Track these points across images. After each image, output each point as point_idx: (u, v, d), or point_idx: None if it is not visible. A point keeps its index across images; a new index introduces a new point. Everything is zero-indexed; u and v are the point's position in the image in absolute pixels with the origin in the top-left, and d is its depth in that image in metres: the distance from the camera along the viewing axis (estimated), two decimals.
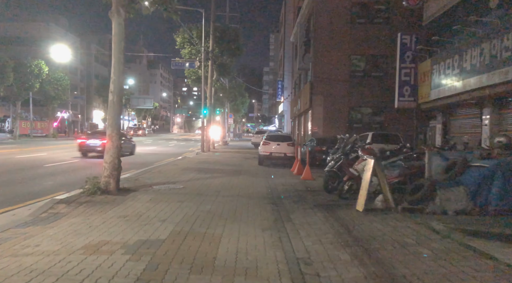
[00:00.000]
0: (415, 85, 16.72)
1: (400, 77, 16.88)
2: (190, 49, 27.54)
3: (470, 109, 14.56)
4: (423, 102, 16.18)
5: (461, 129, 15.50)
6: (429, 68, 15.42)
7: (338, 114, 25.09)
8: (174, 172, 13.06)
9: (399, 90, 16.93)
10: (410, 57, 16.73)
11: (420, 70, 16.37)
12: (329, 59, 25.10)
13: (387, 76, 24.71)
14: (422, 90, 16.15)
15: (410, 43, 16.68)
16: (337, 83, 25.08)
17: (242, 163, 18.48)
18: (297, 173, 13.97)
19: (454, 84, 13.22)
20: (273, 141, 17.89)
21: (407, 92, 16.86)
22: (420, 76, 16.36)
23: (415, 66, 16.66)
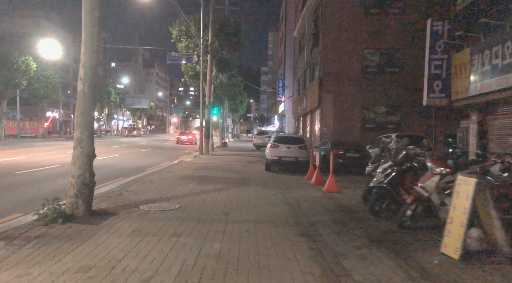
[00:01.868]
0: (447, 79, 14.51)
1: (430, 70, 14.66)
2: (187, 42, 25.21)
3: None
4: (458, 98, 13.96)
5: (503, 130, 13.31)
6: (467, 58, 13.19)
7: (350, 114, 22.89)
8: (169, 182, 10.75)
9: (429, 85, 14.70)
10: (442, 47, 14.50)
11: (454, 61, 14.15)
12: (340, 53, 22.89)
13: (403, 72, 22.57)
14: (457, 85, 13.93)
15: (442, 31, 14.46)
16: (349, 80, 22.87)
17: (247, 168, 16.20)
18: (315, 182, 11.71)
19: (507, 76, 11.01)
20: (282, 143, 15.62)
21: (437, 87, 14.64)
22: (454, 68, 14.15)
23: (448, 57, 14.45)
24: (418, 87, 22.47)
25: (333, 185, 10.23)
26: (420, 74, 22.52)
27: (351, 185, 11.92)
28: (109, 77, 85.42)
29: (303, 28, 30.70)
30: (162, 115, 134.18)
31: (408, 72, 22.51)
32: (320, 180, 11.79)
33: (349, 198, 9.26)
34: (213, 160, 20.16)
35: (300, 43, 33.42)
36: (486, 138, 14.30)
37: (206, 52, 23.66)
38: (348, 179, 13.67)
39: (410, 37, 22.38)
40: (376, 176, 6.99)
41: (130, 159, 19.44)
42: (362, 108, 23.00)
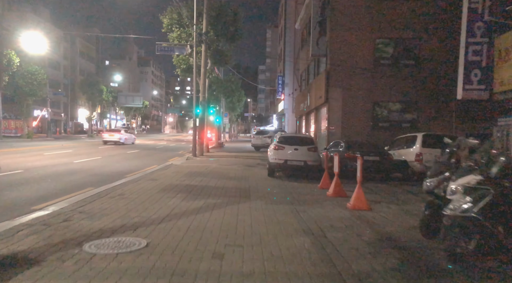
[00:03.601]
0: (488, 67, 12.10)
1: (467, 58, 12.23)
2: (179, 32, 22.71)
3: None
4: (505, 89, 11.55)
5: None
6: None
7: (360, 111, 20.46)
8: (147, 195, 8.24)
9: (465, 75, 12.27)
10: (482, 29, 12.08)
11: (498, 45, 11.75)
12: (349, 43, 20.46)
13: (420, 64, 20.19)
14: (503, 73, 11.53)
15: (482, 9, 12.04)
16: (359, 73, 20.45)
17: (246, 173, 13.71)
18: (333, 194, 9.23)
19: None
20: (288, 144, 13.14)
21: (476, 77, 12.22)
22: (499, 53, 11.74)
23: (489, 41, 12.04)
24: (437, 81, 20.17)
25: (361, 201, 7.75)
26: (439, 67, 20.26)
27: (378, 197, 9.45)
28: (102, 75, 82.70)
29: (306, 18, 28.26)
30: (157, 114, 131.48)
31: (426, 64, 20.13)
32: (339, 191, 9.32)
33: (389, 220, 6.78)
34: (208, 163, 17.65)
35: (302, 36, 30.99)
36: None
37: (200, 43, 21.15)
38: (370, 188, 11.20)
39: (429, 26, 19.99)
40: (453, 199, 4.49)
41: (112, 162, 16.90)
42: (373, 104, 20.58)
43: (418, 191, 10.33)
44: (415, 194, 10.12)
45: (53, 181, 10.58)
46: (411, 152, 13.33)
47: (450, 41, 19.73)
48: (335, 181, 9.44)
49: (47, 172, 12.50)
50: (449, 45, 19.75)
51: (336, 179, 9.46)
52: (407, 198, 9.32)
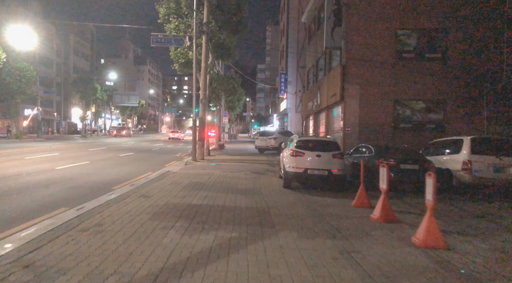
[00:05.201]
0: None
1: None
2: (177, 23, 20.42)
3: None
4: None
5: None
6: None
7: (379, 110, 18.27)
8: (133, 226, 5.96)
9: None
10: None
11: None
12: (368, 34, 18.29)
13: (447, 58, 17.99)
14: None
15: None
16: (379, 68, 18.28)
17: (257, 184, 11.47)
18: (382, 219, 7.00)
19: None
20: (309, 150, 10.91)
21: None
22: None
23: None
24: (466, 77, 18.02)
25: (435, 236, 5.50)
26: (468, 61, 18.12)
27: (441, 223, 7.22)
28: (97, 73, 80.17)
29: (315, 10, 26.05)
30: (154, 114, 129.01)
31: (454, 59, 17.95)
32: (389, 215, 7.10)
33: (492, 270, 4.56)
34: (210, 169, 15.39)
35: (310, 30, 28.77)
36: None
37: (201, 34, 18.88)
38: (412, 204, 9.00)
39: (457, 14, 17.82)
40: None
41: (100, 168, 14.61)
42: (394, 103, 18.39)
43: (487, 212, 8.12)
44: (489, 217, 7.90)
45: (18, 197, 8.31)
46: (456, 160, 11.13)
47: (481, 31, 17.60)
48: (382, 202, 7.21)
49: (18, 183, 10.22)
50: (480, 35, 17.62)
51: (384, 199, 7.22)
52: (481, 225, 7.09)
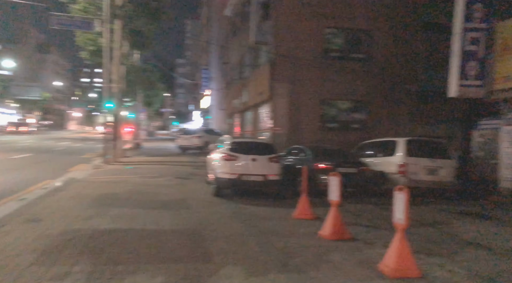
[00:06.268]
0: (485, 60, 9.95)
1: (463, 47, 9.93)
2: (85, 4, 17.76)
3: None
4: (509, 87, 9.45)
5: None
6: None
7: (308, 109, 17.70)
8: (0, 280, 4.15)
9: (461, 68, 9.96)
10: (481, 13, 9.87)
11: (501, 33, 9.63)
12: (297, 30, 17.57)
13: (371, 59, 18.03)
14: (509, 67, 9.43)
15: None
16: (307, 66, 17.67)
17: (183, 193, 9.93)
18: (333, 237, 6.00)
19: None
20: (243, 153, 9.67)
21: (472, 71, 10.00)
22: (502, 43, 9.63)
23: (490, 28, 9.88)
24: (389, 78, 18.29)
25: (408, 261, 4.59)
26: (391, 62, 18.41)
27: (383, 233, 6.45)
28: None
29: (240, 3, 24.90)
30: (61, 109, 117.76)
31: (378, 59, 18.08)
32: (342, 232, 6.14)
33: None
34: (125, 174, 13.39)
35: (234, 24, 27.58)
36: None
37: (114, 18, 16.55)
38: (356, 213, 8.27)
39: (381, 15, 17.95)
40: None
41: None
42: (322, 102, 17.99)
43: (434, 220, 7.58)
44: (440, 226, 7.34)
45: None
46: (390, 162, 10.75)
47: (402, 33, 17.94)
48: (333, 216, 6.21)
49: None
50: (402, 37, 17.96)
51: (336, 213, 6.24)
52: (438, 237, 6.43)
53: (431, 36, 17.81)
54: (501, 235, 6.43)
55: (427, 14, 18.11)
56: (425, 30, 17.96)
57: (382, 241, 5.91)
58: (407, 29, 17.89)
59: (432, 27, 17.82)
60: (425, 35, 17.91)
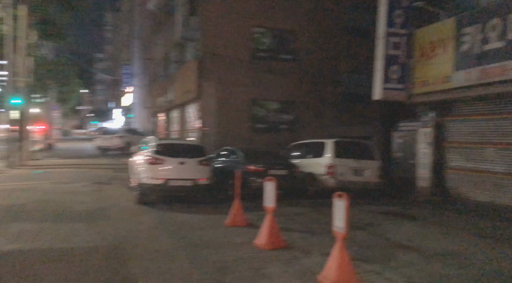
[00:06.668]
0: (407, 64, 10.42)
1: (386, 51, 10.29)
2: None
3: None
4: (428, 91, 9.98)
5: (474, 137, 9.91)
6: (451, 33, 9.25)
7: (238, 110, 17.37)
8: None
9: (385, 72, 10.32)
10: (402, 18, 10.30)
11: (420, 39, 10.15)
12: (225, 28, 17.14)
13: (298, 60, 18.25)
14: (426, 72, 9.96)
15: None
16: (236, 65, 17.32)
17: (101, 201, 8.96)
18: (269, 246, 5.67)
19: None
20: (171, 156, 9.00)
21: (395, 75, 10.41)
22: (420, 48, 10.14)
23: (410, 33, 10.35)
24: (315, 80, 18.68)
25: (349, 274, 4.39)
26: (317, 64, 18.80)
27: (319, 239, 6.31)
28: None
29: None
30: None
31: (305, 60, 18.36)
32: (277, 240, 5.83)
33: None
34: (33, 180, 11.84)
35: (159, 18, 26.28)
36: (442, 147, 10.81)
37: (18, 2, 14.62)
38: (288, 216, 8.10)
39: (308, 16, 18.21)
40: None
41: None
42: (251, 102, 17.80)
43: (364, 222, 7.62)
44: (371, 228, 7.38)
45: None
46: (319, 163, 10.81)
47: (327, 36, 18.40)
48: (269, 225, 5.87)
49: None
50: (326, 40, 18.42)
51: (272, 221, 5.91)
52: (371, 241, 6.42)
53: (354, 39, 18.51)
54: (426, 236, 6.63)
55: (349, 19, 18.83)
56: (348, 34, 18.62)
57: (319, 248, 5.73)
58: (331, 32, 18.36)
59: (354, 31, 18.56)
60: (348, 39, 18.55)
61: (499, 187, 9.28)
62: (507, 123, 9.03)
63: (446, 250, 5.77)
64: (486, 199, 9.51)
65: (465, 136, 10.24)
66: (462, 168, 10.24)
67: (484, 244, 6.15)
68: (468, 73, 8.73)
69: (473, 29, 8.76)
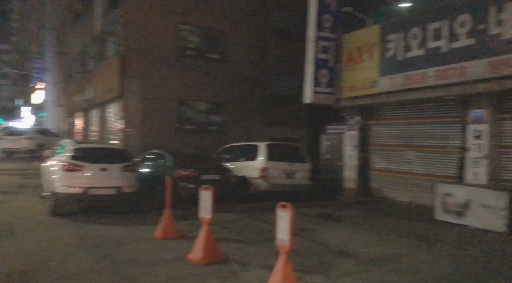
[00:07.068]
0: (334, 69, 10.67)
1: (316, 54, 10.43)
2: None
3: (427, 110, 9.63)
4: (355, 95, 10.30)
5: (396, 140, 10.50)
6: (375, 39, 9.63)
7: (163, 110, 16.60)
8: None
9: (315, 76, 10.44)
10: (331, 23, 10.51)
11: (347, 44, 10.44)
12: (150, 23, 16.27)
13: (227, 60, 17.97)
14: (352, 77, 10.27)
15: None
16: (162, 63, 16.54)
17: (6, 215, 7.78)
18: (205, 260, 5.26)
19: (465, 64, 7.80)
20: (91, 162, 8.13)
21: (324, 79, 10.59)
22: (348, 54, 10.44)
23: (338, 38, 10.60)
24: (243, 81, 18.54)
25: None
26: (245, 65, 18.65)
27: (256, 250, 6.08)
28: None
29: None
30: None
31: (234, 61, 18.15)
32: (214, 254, 5.46)
33: None
34: None
35: (75, 9, 24.14)
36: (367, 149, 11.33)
37: None
38: (222, 224, 7.75)
39: (237, 15, 17.99)
40: None
41: None
42: (179, 103, 17.12)
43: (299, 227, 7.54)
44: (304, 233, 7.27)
45: None
46: (252, 166, 10.64)
47: (256, 37, 18.38)
48: (205, 238, 5.46)
49: None
50: (255, 41, 18.40)
51: (208, 234, 5.51)
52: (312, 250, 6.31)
53: (283, 42, 18.72)
54: (359, 241, 6.70)
55: (277, 21, 19.00)
56: (276, 36, 18.78)
57: (258, 260, 5.47)
58: (260, 33, 18.38)
59: (283, 33, 18.78)
60: (277, 41, 18.72)
61: (418, 188, 9.89)
62: (426, 127, 9.66)
63: (380, 254, 5.87)
64: (408, 199, 10.10)
65: (388, 139, 10.79)
66: (386, 170, 10.77)
67: (412, 246, 6.39)
68: (393, 79, 9.16)
69: (396, 36, 9.21)
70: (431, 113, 9.52)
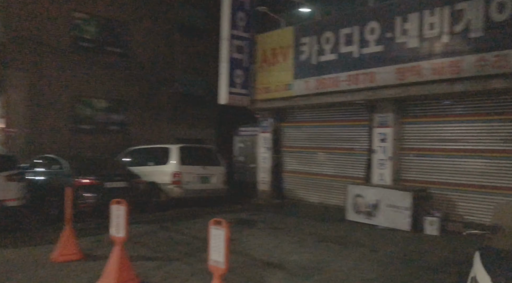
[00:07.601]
0: (249, 70, 10.43)
1: (230, 53, 10.06)
2: None
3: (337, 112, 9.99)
4: (270, 98, 10.18)
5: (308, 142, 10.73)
6: (289, 41, 9.62)
7: (55, 107, 14.64)
8: None
9: (230, 76, 10.07)
10: (245, 22, 10.23)
11: (262, 44, 10.28)
12: (37, 7, 14.19)
13: (131, 55, 16.66)
14: (267, 79, 10.15)
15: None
16: (55, 54, 14.59)
17: None
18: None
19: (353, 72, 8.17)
20: None
21: (239, 79, 10.28)
22: (263, 54, 10.28)
23: (252, 38, 10.37)
24: (149, 78, 17.38)
25: None
26: (150, 61, 17.47)
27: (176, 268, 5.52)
28: None
29: None
30: None
31: (138, 56, 16.87)
32: (127, 275, 4.73)
33: None
34: None
35: None
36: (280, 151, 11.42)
37: None
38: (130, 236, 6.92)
39: (141, 9, 16.78)
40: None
41: None
42: (73, 100, 15.27)
43: None
44: None
45: None
46: (163, 171, 9.86)
47: (162, 32, 17.35)
48: (118, 259, 4.69)
49: None
50: (162, 36, 17.37)
51: (122, 255, 4.74)
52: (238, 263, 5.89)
53: (191, 39, 17.99)
54: (282, 248, 6.51)
55: (185, 16, 18.17)
56: (185, 32, 17.97)
57: (179, 281, 4.88)
58: (166, 28, 17.37)
59: (190, 29, 18.03)
60: (186, 37, 17.92)
61: (328, 189, 10.20)
62: (336, 130, 9.98)
63: (307, 263, 5.72)
64: (319, 200, 10.34)
65: (300, 141, 10.94)
66: (298, 172, 10.91)
67: (333, 251, 6.38)
68: (307, 82, 9.25)
69: (309, 39, 9.32)
70: (341, 117, 9.86)
